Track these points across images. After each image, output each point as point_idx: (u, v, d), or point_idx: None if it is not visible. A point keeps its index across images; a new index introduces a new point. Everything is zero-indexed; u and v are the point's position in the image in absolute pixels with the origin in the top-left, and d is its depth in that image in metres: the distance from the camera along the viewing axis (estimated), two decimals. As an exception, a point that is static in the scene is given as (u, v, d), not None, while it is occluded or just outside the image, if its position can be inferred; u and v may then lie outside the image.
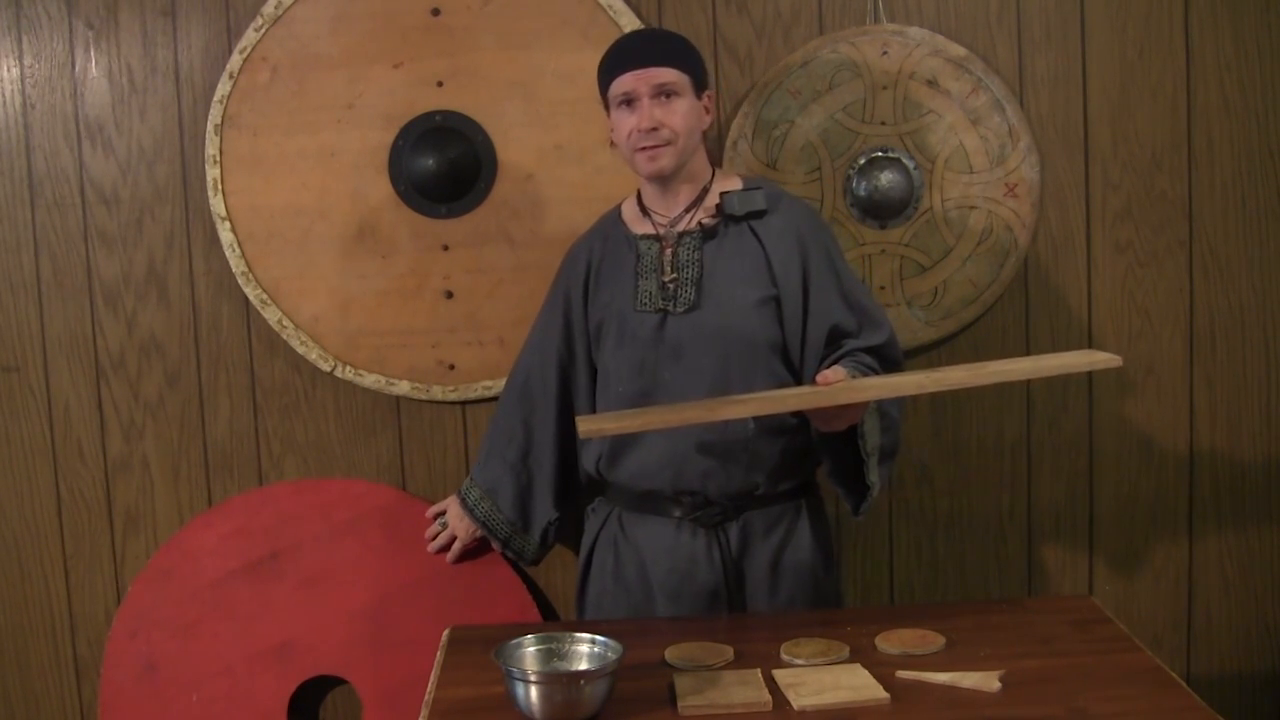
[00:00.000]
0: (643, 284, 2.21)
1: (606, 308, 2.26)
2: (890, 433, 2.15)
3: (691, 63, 2.18)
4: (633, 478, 2.22)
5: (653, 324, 2.19)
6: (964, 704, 1.71)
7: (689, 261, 2.18)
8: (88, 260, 2.67)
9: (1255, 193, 2.67)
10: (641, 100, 2.13)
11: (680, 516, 2.20)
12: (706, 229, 2.19)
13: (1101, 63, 2.64)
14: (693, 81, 2.17)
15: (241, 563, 2.61)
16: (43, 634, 2.74)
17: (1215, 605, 2.76)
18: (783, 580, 2.21)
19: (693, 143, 2.18)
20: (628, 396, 2.20)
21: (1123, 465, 2.73)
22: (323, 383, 2.70)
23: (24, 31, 2.62)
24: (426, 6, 2.58)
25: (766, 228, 2.19)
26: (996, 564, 2.76)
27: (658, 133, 2.13)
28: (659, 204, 2.25)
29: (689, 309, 2.17)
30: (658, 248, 2.22)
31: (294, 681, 2.59)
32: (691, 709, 1.71)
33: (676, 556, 2.20)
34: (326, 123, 2.59)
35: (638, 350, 2.20)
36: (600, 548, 2.30)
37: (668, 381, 2.18)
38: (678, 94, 2.14)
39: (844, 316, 2.17)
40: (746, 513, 2.20)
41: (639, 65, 2.14)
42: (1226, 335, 2.71)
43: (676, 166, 2.17)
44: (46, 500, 2.72)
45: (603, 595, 2.29)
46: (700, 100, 2.19)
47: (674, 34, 2.32)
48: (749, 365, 2.15)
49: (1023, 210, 2.61)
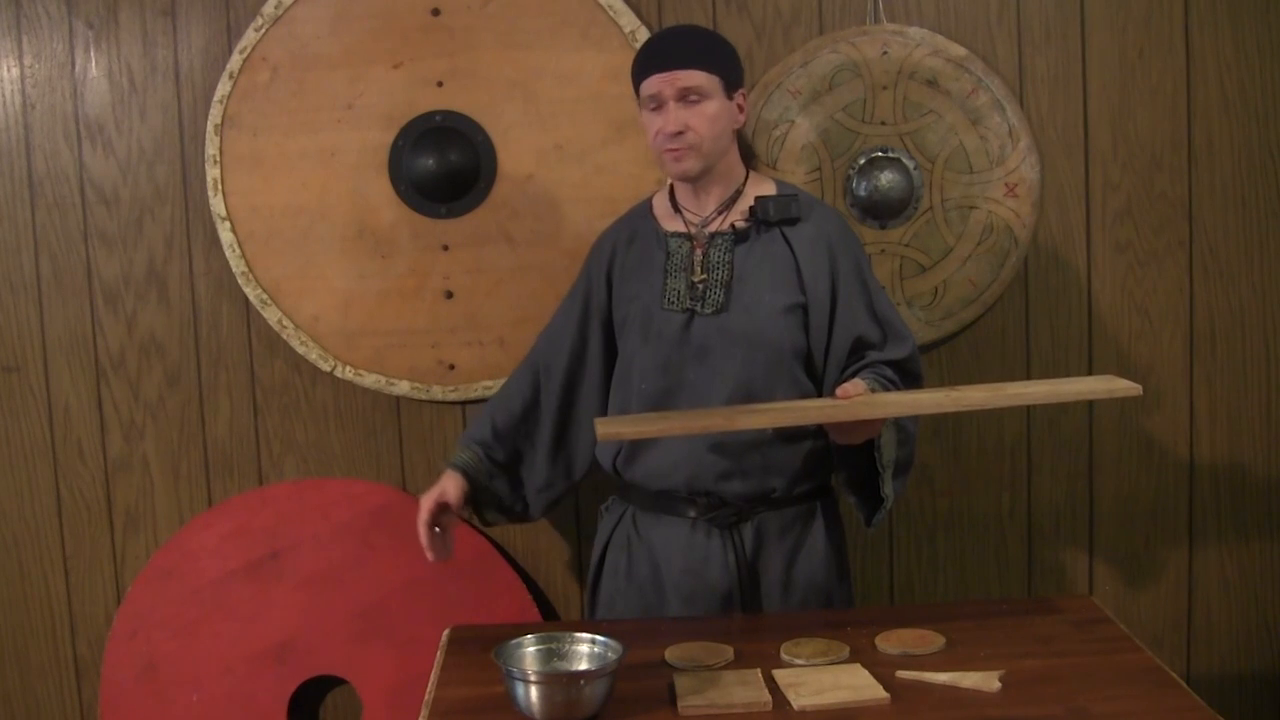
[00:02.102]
0: (671, 282, 2.20)
1: (632, 302, 2.24)
2: (906, 446, 2.14)
3: (722, 63, 2.16)
4: (649, 476, 2.22)
5: (679, 323, 2.18)
6: (964, 704, 1.71)
7: (719, 263, 2.18)
8: (88, 260, 2.67)
9: (1255, 193, 2.67)
10: (667, 103, 2.12)
11: (695, 517, 2.19)
12: (739, 231, 2.19)
13: (1101, 63, 2.64)
14: (723, 82, 2.15)
15: (241, 563, 2.61)
16: (43, 634, 2.74)
17: (1215, 605, 2.76)
18: (796, 584, 2.20)
19: (721, 145, 2.16)
20: (650, 394, 2.19)
21: (1123, 465, 2.74)
22: (323, 383, 2.70)
23: (24, 31, 2.62)
24: (426, 6, 2.58)
25: (798, 235, 2.18)
26: (996, 564, 2.76)
27: (682, 136, 2.12)
28: (691, 202, 2.24)
29: (717, 311, 2.16)
30: (689, 246, 2.21)
31: (294, 681, 2.60)
32: (691, 709, 1.71)
33: (690, 557, 2.19)
34: (326, 123, 2.59)
35: (663, 349, 2.19)
36: (614, 548, 2.29)
37: (691, 382, 2.17)
38: (705, 97, 2.12)
39: (869, 328, 2.16)
40: (761, 515, 2.19)
41: (665, 68, 2.12)
42: (1226, 335, 2.71)
43: (703, 169, 2.16)
44: (46, 500, 2.72)
45: (615, 596, 2.28)
46: (732, 100, 2.17)
47: (707, 33, 2.27)
48: (773, 371, 2.15)
49: (1023, 210, 2.61)
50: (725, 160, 2.20)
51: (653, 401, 2.18)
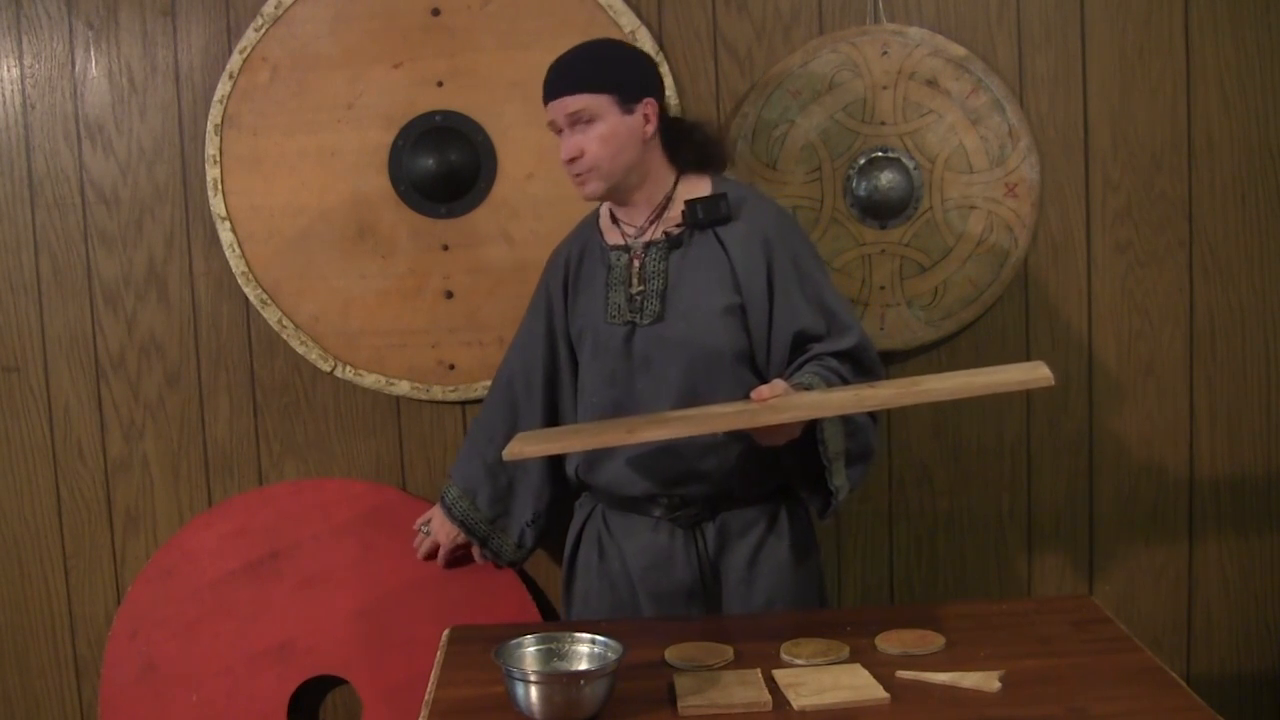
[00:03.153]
0: (612, 296, 2.21)
1: (584, 318, 2.26)
2: (857, 437, 2.08)
3: (611, 80, 2.11)
4: (610, 483, 2.23)
5: (621, 336, 2.19)
6: (964, 704, 1.71)
7: (655, 272, 2.18)
8: (88, 260, 2.67)
9: (1255, 193, 2.67)
10: (563, 130, 2.14)
11: (659, 516, 2.21)
12: (672, 238, 2.18)
13: (1101, 63, 2.64)
14: (615, 99, 2.11)
15: (241, 563, 2.61)
16: (43, 634, 2.74)
17: (1215, 605, 2.76)
18: (759, 580, 2.21)
19: (623, 161, 2.13)
20: (600, 407, 2.21)
21: (1123, 465, 2.73)
22: (323, 383, 2.70)
23: (24, 31, 2.62)
24: (426, 6, 2.58)
25: (731, 234, 2.16)
26: (996, 564, 2.76)
27: (578, 161, 2.13)
28: (623, 214, 2.24)
29: (654, 320, 2.16)
30: (627, 259, 2.21)
31: (294, 681, 2.59)
32: (691, 709, 1.71)
33: (654, 554, 2.21)
34: (326, 123, 2.59)
35: (609, 362, 2.20)
36: (585, 543, 2.31)
37: (638, 392, 2.17)
38: (595, 118, 2.11)
39: (810, 321, 2.13)
40: (723, 513, 2.20)
41: (554, 95, 2.13)
42: (1226, 335, 2.71)
43: (608, 189, 2.16)
44: (46, 500, 2.72)
45: (589, 591, 2.29)
46: (635, 113, 2.13)
47: (595, 52, 2.17)
48: (715, 375, 2.14)
49: (1023, 210, 2.61)
50: (639, 171, 2.17)
51: (604, 414, 2.20)
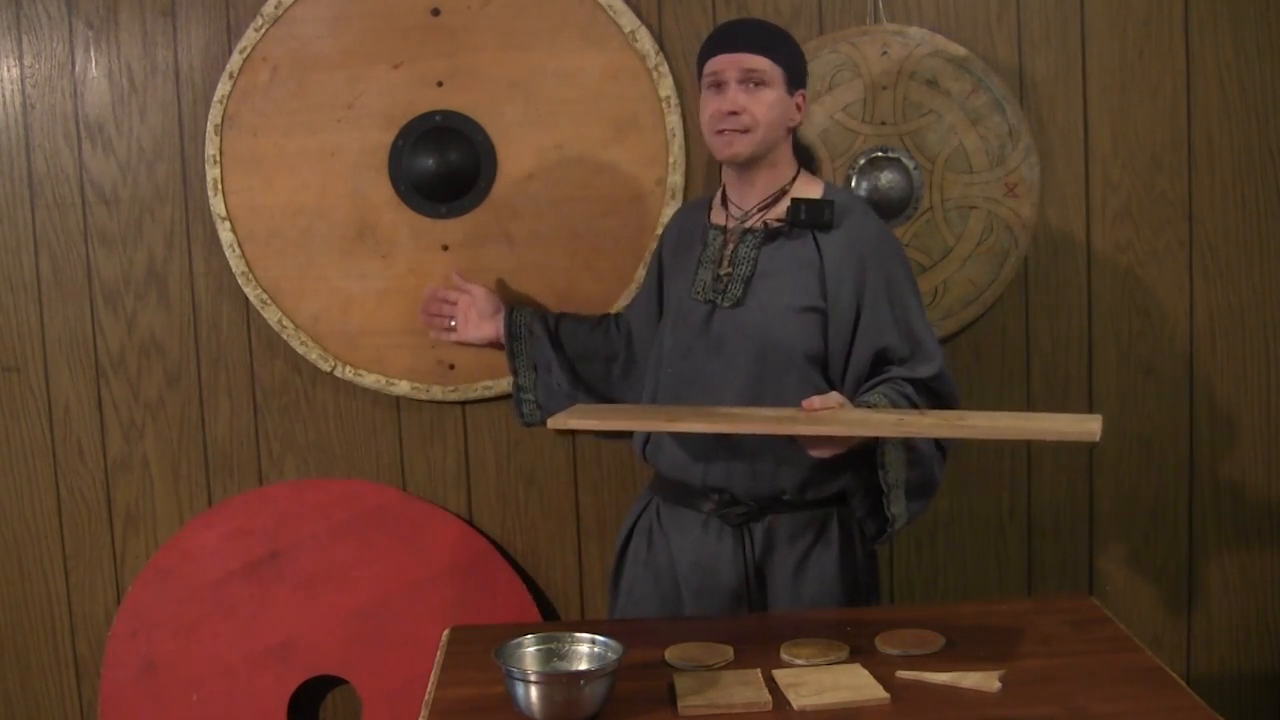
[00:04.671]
0: (701, 273, 2.23)
1: (675, 288, 2.30)
2: (919, 467, 2.09)
3: (788, 57, 2.16)
4: (669, 468, 2.24)
5: (702, 314, 2.21)
6: (964, 704, 1.71)
7: (745, 258, 2.19)
8: (88, 260, 2.67)
9: (1255, 193, 2.67)
10: (728, 84, 2.13)
11: (709, 512, 2.20)
12: (770, 230, 2.19)
13: (1101, 63, 2.64)
14: (786, 75, 2.15)
15: (241, 563, 2.61)
16: (43, 634, 2.74)
17: (1215, 605, 2.76)
18: (805, 590, 2.18)
19: (774, 135, 2.15)
20: (671, 379, 2.23)
21: (1123, 465, 2.74)
22: (323, 383, 2.70)
23: (24, 31, 2.62)
24: (426, 6, 2.58)
25: (830, 241, 2.16)
26: (996, 564, 2.76)
27: (738, 118, 2.12)
28: (736, 194, 2.24)
29: (734, 304, 2.17)
30: (721, 239, 2.23)
31: (294, 681, 2.60)
32: (691, 709, 1.71)
33: (701, 552, 2.20)
34: (326, 123, 2.59)
35: (686, 337, 2.22)
36: (638, 534, 2.31)
37: (708, 372, 2.19)
38: (766, 84, 2.12)
39: (894, 342, 2.13)
40: (772, 516, 2.19)
41: (732, 49, 2.13)
42: (1226, 335, 2.71)
43: (752, 155, 2.15)
44: (46, 500, 2.72)
45: (635, 582, 2.29)
46: (792, 97, 2.17)
47: (779, 29, 2.24)
48: (783, 370, 2.14)
49: (1023, 210, 2.61)
50: (775, 154, 2.19)
51: (672, 385, 2.22)
